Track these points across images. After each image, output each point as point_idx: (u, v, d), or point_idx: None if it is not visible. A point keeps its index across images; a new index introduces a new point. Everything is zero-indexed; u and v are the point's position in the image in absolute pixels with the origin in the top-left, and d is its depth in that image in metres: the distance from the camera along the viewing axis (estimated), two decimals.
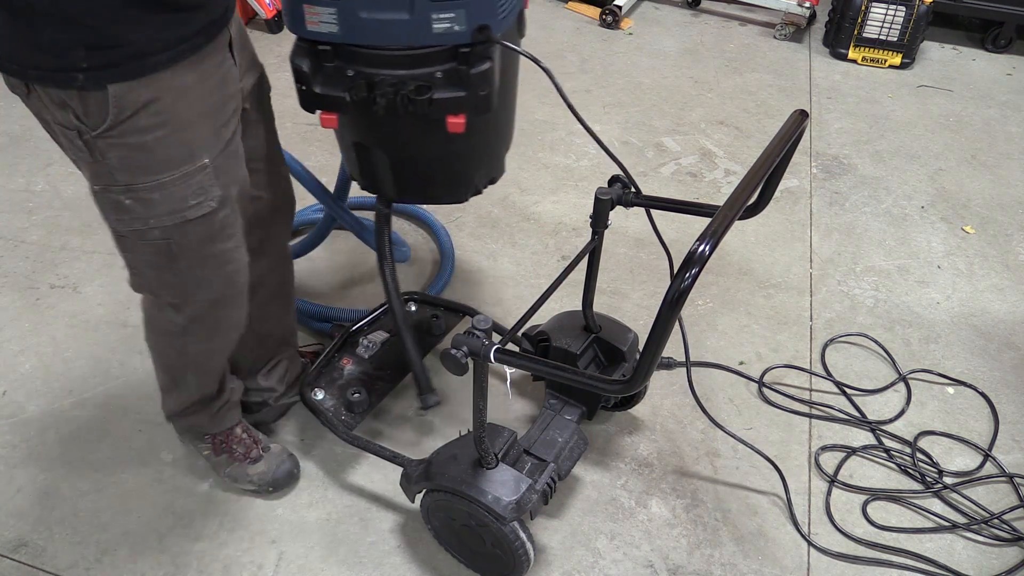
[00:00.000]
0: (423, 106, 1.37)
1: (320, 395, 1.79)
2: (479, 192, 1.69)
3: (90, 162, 1.17)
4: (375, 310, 1.98)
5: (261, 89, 1.45)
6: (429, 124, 1.44)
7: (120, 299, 2.20)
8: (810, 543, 1.71)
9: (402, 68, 1.37)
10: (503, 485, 1.46)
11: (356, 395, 1.76)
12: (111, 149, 1.15)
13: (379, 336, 1.93)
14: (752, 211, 1.51)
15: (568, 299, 2.17)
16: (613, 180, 1.57)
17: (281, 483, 1.73)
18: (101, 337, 2.09)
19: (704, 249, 1.06)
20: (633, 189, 1.57)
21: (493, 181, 1.70)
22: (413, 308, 2.03)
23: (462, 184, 1.66)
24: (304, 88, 1.38)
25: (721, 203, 1.14)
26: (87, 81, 1.09)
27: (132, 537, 1.67)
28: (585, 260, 1.66)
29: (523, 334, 1.87)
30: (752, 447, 1.79)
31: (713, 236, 1.07)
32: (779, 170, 1.42)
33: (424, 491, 1.57)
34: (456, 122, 1.40)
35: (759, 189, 1.37)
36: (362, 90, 1.36)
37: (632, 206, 1.57)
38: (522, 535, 1.48)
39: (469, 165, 1.63)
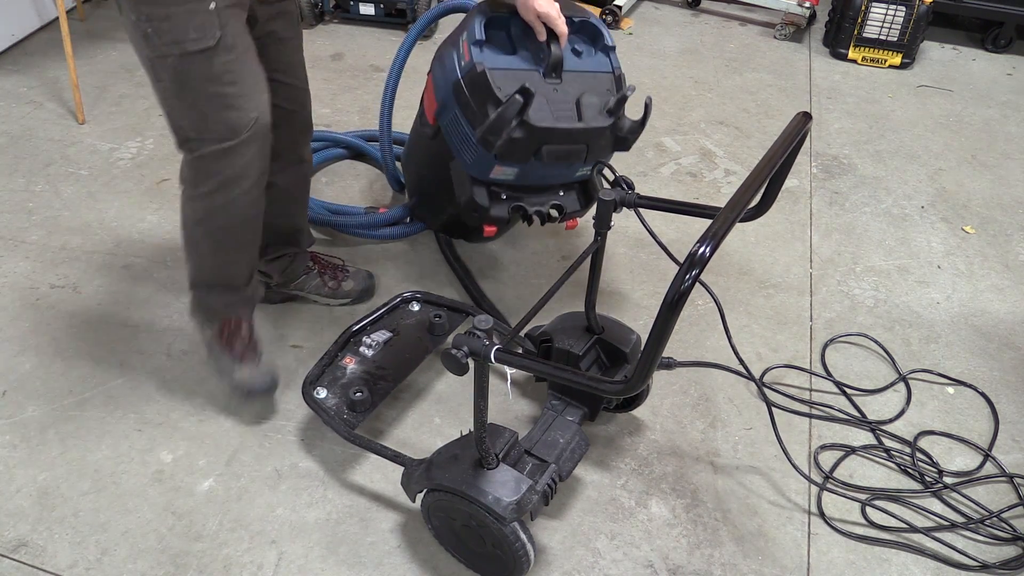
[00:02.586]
0: (556, 219, 1.94)
1: (322, 393, 1.79)
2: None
3: None
4: (377, 310, 1.98)
5: (289, 14, 1.71)
6: None
7: (120, 299, 2.20)
8: (810, 543, 1.71)
9: (537, 194, 1.90)
10: (503, 486, 1.46)
11: (358, 394, 1.76)
12: None
13: (382, 335, 1.93)
14: (755, 213, 1.51)
15: (568, 299, 2.18)
16: (615, 182, 1.58)
17: (257, 394, 1.83)
18: (101, 337, 2.09)
19: (704, 251, 1.05)
20: (635, 190, 1.58)
21: None
22: (416, 308, 2.03)
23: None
24: (477, 214, 1.87)
25: (723, 204, 1.14)
26: None
27: (132, 537, 1.67)
28: (588, 261, 1.66)
29: (525, 335, 1.87)
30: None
31: (713, 238, 1.06)
32: (782, 172, 1.42)
33: (425, 491, 1.57)
34: (572, 225, 1.99)
35: (762, 191, 1.38)
36: (520, 212, 1.89)
37: (635, 207, 1.57)
38: (522, 536, 1.48)
39: None
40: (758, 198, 1.46)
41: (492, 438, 1.51)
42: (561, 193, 1.92)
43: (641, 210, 1.57)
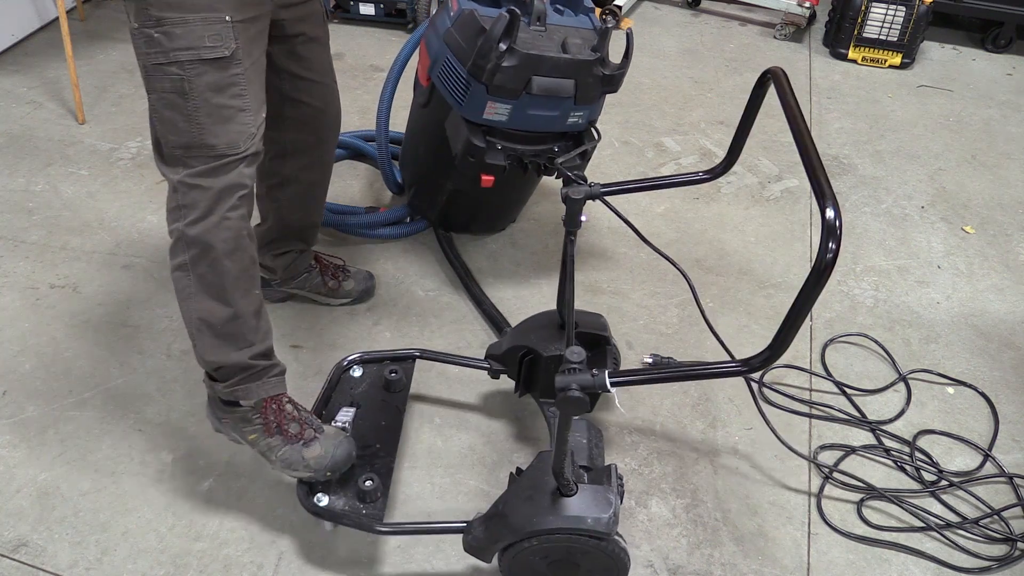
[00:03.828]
0: (553, 170, 1.94)
1: (324, 500, 1.58)
2: (513, 222, 2.52)
3: (133, 1, 1.40)
4: (322, 391, 1.80)
5: (316, 14, 1.72)
6: (525, 178, 2.06)
7: (120, 299, 2.20)
8: (810, 543, 1.71)
9: (532, 144, 1.94)
10: (595, 505, 1.43)
11: (368, 482, 1.57)
12: None
13: (345, 415, 1.73)
14: (723, 170, 1.62)
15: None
16: (569, 180, 1.60)
17: (340, 466, 1.59)
18: (101, 337, 2.09)
19: (834, 215, 1.07)
20: (593, 183, 1.61)
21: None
22: (358, 372, 1.84)
23: (512, 217, 2.49)
24: (473, 159, 1.89)
25: (723, 203, 1.15)
26: None
27: (132, 537, 1.67)
28: (565, 260, 1.65)
29: (488, 355, 1.84)
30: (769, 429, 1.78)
31: (832, 198, 1.08)
32: (746, 128, 1.52)
33: (509, 545, 1.47)
34: None
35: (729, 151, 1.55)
36: (517, 160, 1.93)
37: (598, 197, 1.59)
38: (621, 542, 1.46)
39: (521, 204, 2.45)
40: (723, 155, 1.59)
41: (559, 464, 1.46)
42: (556, 148, 1.95)
43: (619, 202, 1.59)
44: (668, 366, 1.35)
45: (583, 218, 1.61)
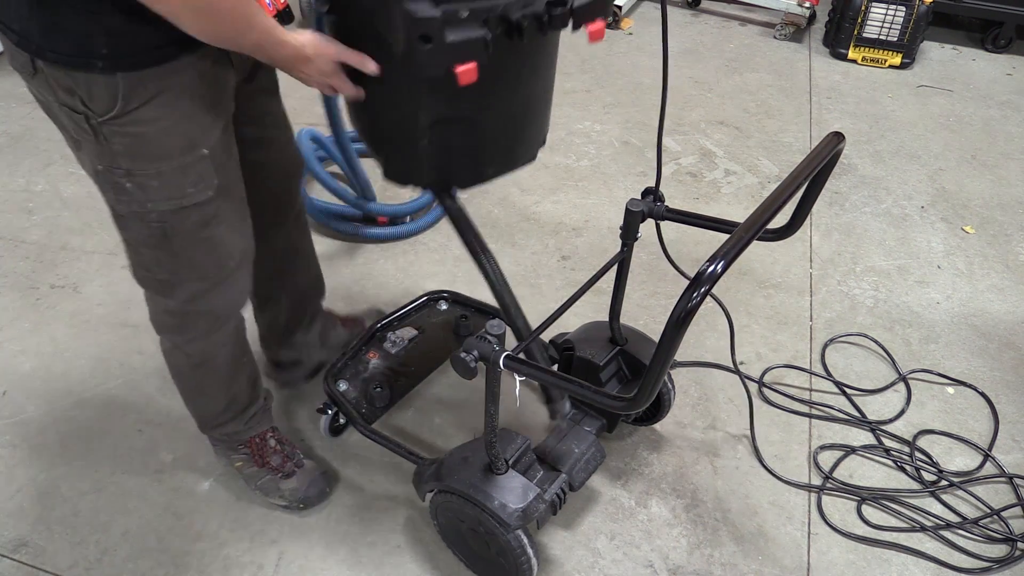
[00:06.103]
0: (564, 19, 1.19)
1: (343, 386, 1.81)
2: (543, 144, 1.57)
3: (94, 143, 1.18)
4: (404, 307, 1.99)
5: (269, 69, 1.42)
6: (537, 61, 1.35)
7: (120, 299, 2.20)
8: (810, 543, 1.71)
9: None
10: (511, 492, 1.44)
11: (378, 389, 1.78)
12: (115, 136, 1.16)
13: (407, 333, 1.94)
14: (783, 233, 1.47)
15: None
16: (646, 192, 1.58)
17: (312, 501, 1.72)
18: (101, 337, 2.09)
19: (714, 269, 1.04)
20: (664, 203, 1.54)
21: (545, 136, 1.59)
22: (443, 307, 2.03)
23: (541, 135, 1.56)
24: (431, 43, 1.13)
25: (724, 204, 1.14)
26: (104, 67, 1.10)
27: (132, 537, 1.67)
28: (612, 271, 1.64)
29: (550, 341, 1.86)
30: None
31: (724, 257, 1.05)
32: (812, 192, 1.40)
33: (434, 491, 1.56)
34: (596, 29, 1.25)
35: (786, 211, 1.30)
36: (499, 24, 1.15)
37: (663, 220, 1.56)
38: (526, 545, 1.46)
39: (547, 109, 1.54)
40: (786, 218, 1.42)
41: (503, 443, 1.50)
42: None
43: (663, 226, 1.55)
44: (565, 376, 1.34)
45: (639, 234, 1.60)
